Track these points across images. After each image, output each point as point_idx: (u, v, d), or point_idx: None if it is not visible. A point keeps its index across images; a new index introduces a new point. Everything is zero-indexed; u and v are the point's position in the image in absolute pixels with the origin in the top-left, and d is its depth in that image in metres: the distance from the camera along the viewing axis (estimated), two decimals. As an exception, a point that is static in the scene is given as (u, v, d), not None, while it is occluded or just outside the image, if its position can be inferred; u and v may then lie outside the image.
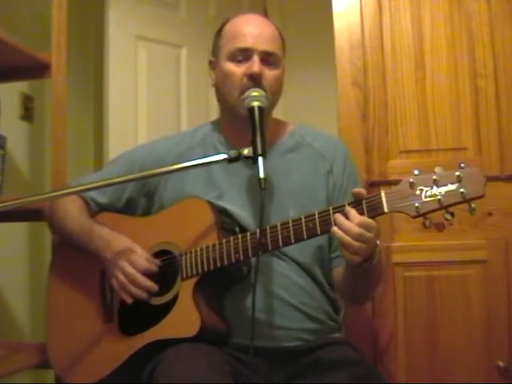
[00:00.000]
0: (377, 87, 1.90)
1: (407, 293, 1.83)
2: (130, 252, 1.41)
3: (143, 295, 1.39)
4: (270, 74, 1.46)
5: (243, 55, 1.46)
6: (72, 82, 2.25)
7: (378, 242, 1.31)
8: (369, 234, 1.23)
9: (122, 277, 1.39)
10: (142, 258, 1.41)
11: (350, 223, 1.23)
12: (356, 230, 1.22)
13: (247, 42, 1.46)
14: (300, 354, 1.40)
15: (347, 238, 1.23)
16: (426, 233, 1.54)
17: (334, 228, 1.24)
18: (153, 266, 1.40)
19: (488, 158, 1.83)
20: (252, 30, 1.48)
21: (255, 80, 1.44)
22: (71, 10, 2.02)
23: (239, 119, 1.44)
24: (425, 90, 1.88)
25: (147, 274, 1.39)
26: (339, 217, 1.25)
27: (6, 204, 1.27)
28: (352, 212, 1.24)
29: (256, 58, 1.45)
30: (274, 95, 1.48)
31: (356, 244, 1.23)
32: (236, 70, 1.46)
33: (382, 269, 1.44)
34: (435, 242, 1.81)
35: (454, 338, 1.80)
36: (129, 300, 1.40)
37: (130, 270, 1.39)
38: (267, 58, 1.47)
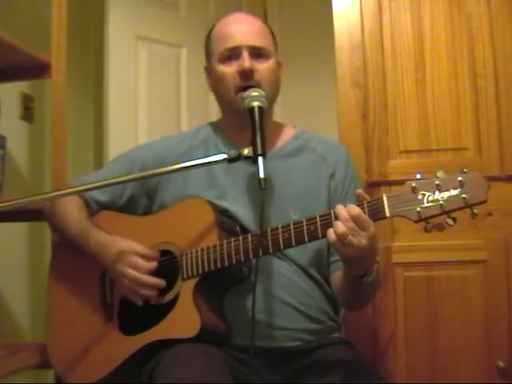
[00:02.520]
0: (377, 87, 1.90)
1: (407, 293, 1.83)
2: (129, 254, 1.40)
3: (154, 294, 1.39)
4: (261, 66, 1.47)
5: (233, 54, 1.47)
6: (72, 82, 2.25)
7: (378, 260, 1.32)
8: (361, 232, 1.22)
9: (129, 283, 1.39)
10: (141, 256, 1.40)
11: (346, 213, 1.23)
12: (348, 215, 1.22)
13: (235, 40, 1.47)
14: (300, 354, 1.40)
15: (339, 225, 1.22)
16: (426, 233, 1.54)
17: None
18: (153, 262, 1.40)
19: (488, 158, 1.83)
20: (239, 27, 1.49)
21: (247, 76, 1.44)
22: (71, 10, 2.02)
23: (240, 119, 1.44)
24: (425, 90, 1.88)
25: (151, 272, 1.39)
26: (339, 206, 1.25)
27: (6, 204, 1.27)
28: (352, 206, 1.23)
29: (245, 54, 1.45)
30: (269, 88, 1.47)
31: (348, 235, 1.22)
32: (228, 70, 1.47)
33: (379, 281, 1.44)
34: (435, 242, 1.80)
35: (454, 338, 1.80)
36: (140, 301, 1.40)
37: (134, 274, 1.38)
38: (257, 52, 1.47)
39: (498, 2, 1.84)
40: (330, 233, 1.23)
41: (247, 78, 1.44)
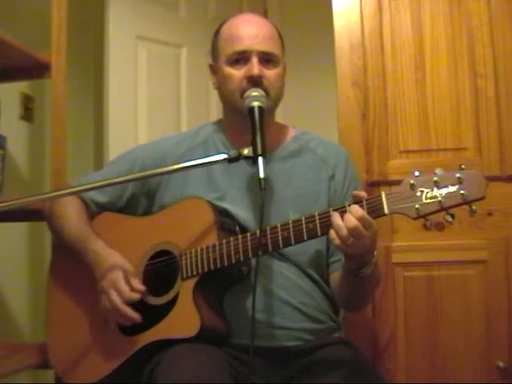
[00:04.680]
0: (377, 87, 1.90)
1: (407, 293, 1.83)
2: (118, 277, 1.39)
3: (125, 323, 1.39)
4: (270, 73, 1.46)
5: (242, 57, 1.46)
6: (72, 82, 2.25)
7: (376, 253, 1.31)
8: (365, 232, 1.22)
9: (107, 303, 1.39)
10: (128, 283, 1.39)
11: (351, 216, 1.22)
12: (354, 222, 1.21)
13: (244, 43, 1.46)
14: (300, 354, 1.40)
15: (344, 231, 1.22)
16: (426, 233, 1.54)
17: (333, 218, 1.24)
18: (136, 294, 1.39)
19: (488, 157, 1.83)
20: (249, 30, 1.48)
21: (255, 82, 1.43)
22: (71, 10, 2.02)
23: (242, 120, 1.44)
24: (425, 90, 1.88)
25: (129, 303, 1.38)
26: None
27: (6, 204, 1.27)
28: (355, 207, 1.23)
29: (254, 60, 1.44)
30: (276, 94, 1.48)
31: (350, 238, 1.22)
32: (236, 73, 1.46)
33: (379, 277, 1.44)
34: (435, 242, 1.81)
35: (454, 338, 1.80)
36: (111, 326, 1.41)
37: (115, 299, 1.37)
38: (266, 58, 1.46)
39: (498, 1, 1.84)
40: (333, 235, 1.23)
41: (255, 84, 1.43)
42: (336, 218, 1.23)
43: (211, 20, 2.84)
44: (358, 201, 1.25)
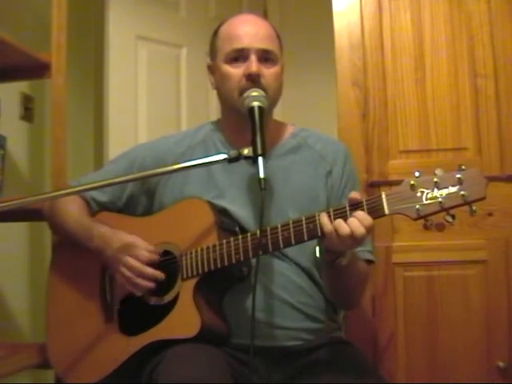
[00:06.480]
0: (377, 87, 1.90)
1: (407, 293, 1.83)
2: (131, 246, 1.41)
3: (151, 285, 1.39)
4: (268, 71, 1.46)
5: (240, 56, 1.46)
6: (72, 82, 2.25)
7: (373, 259, 1.34)
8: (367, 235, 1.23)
9: (127, 272, 1.39)
10: (144, 249, 1.40)
11: (359, 223, 1.22)
12: (363, 231, 1.21)
13: (243, 42, 1.46)
14: (300, 354, 1.40)
15: (346, 231, 1.22)
16: (426, 233, 1.54)
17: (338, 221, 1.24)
18: (155, 255, 1.40)
19: (488, 158, 1.83)
20: (247, 29, 1.48)
21: (254, 80, 1.43)
22: (71, 10, 2.02)
23: (240, 119, 1.44)
24: (425, 90, 1.88)
25: (150, 264, 1.39)
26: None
27: (6, 204, 1.27)
28: (363, 215, 1.23)
29: (253, 58, 1.44)
30: (274, 93, 1.47)
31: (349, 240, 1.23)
32: (234, 71, 1.46)
33: (362, 274, 1.44)
34: (435, 242, 1.81)
35: (454, 338, 1.80)
36: (139, 292, 1.40)
37: (134, 263, 1.38)
38: (265, 56, 1.46)
39: (498, 1, 1.84)
40: (332, 234, 1.23)
41: (254, 82, 1.43)
42: (340, 224, 1.23)
43: (211, 20, 2.83)
44: (357, 201, 1.25)
